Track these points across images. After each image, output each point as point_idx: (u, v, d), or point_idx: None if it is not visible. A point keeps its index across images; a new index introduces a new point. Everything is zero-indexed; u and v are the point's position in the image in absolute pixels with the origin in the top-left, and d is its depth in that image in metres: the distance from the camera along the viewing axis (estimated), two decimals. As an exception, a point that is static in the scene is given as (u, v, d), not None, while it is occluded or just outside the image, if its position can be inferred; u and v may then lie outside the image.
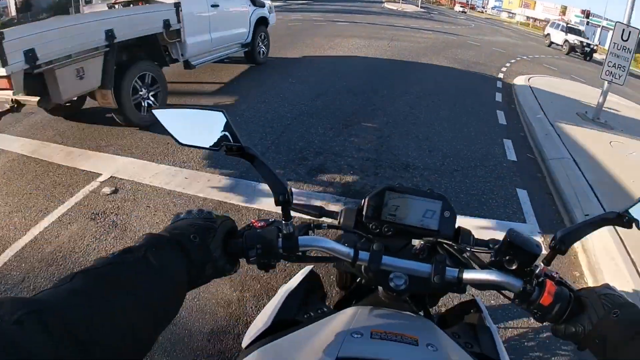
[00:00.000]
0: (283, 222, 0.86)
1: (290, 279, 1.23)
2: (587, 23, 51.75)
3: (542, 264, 0.83)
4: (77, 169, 4.08)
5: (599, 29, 55.43)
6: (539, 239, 3.75)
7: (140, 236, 0.69)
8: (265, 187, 3.90)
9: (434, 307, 1.34)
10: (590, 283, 3.34)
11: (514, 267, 0.83)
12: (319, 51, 11.28)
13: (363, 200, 1.02)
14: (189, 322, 2.51)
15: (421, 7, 48.34)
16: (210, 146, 0.86)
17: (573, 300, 0.80)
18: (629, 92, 13.60)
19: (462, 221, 1.02)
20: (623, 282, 3.24)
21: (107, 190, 3.69)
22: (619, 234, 3.78)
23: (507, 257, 0.83)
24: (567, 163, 5.28)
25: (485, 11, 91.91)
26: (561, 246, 0.82)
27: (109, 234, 3.16)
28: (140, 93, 5.01)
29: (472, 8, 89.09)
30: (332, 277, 2.55)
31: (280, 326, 0.93)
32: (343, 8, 32.78)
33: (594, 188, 4.71)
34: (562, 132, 6.51)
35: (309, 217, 1.05)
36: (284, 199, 0.84)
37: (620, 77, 7.59)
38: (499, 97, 8.83)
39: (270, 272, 2.87)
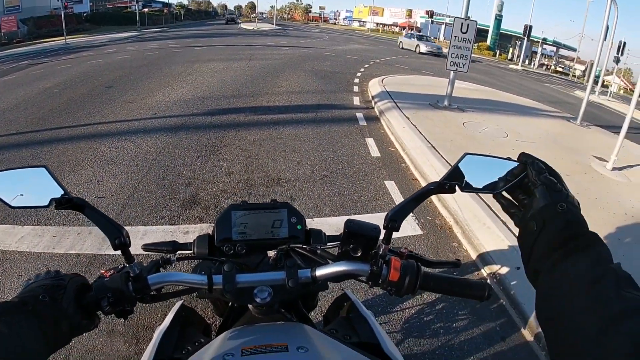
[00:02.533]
0: (126, 265, 0.85)
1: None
2: (432, 22, 56.76)
3: (383, 244, 0.89)
4: None
5: (443, 26, 61.44)
6: (414, 222, 4.06)
7: None
8: (142, 228, 3.74)
9: (313, 311, 1.38)
10: (469, 250, 3.72)
11: (359, 254, 0.89)
12: (178, 79, 11.08)
13: (212, 224, 1.03)
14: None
15: (277, 25, 49.81)
16: (40, 205, 0.84)
17: (421, 269, 0.87)
18: (474, 76, 15.28)
19: (339, 221, 1.07)
20: (498, 241, 3.63)
21: (-28, 265, 3.25)
22: (485, 202, 4.23)
23: (351, 246, 0.89)
24: (426, 150, 5.81)
25: (338, 22, 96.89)
26: (393, 224, 0.88)
27: (-14, 314, 2.77)
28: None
29: (325, 20, 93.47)
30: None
31: None
32: (199, 33, 32.58)
33: (453, 165, 5.20)
34: (418, 123, 7.14)
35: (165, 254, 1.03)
36: (120, 242, 0.83)
37: (464, 65, 8.55)
38: (356, 100, 9.45)
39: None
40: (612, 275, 0.58)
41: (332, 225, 3.88)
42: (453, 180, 0.90)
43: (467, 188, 0.91)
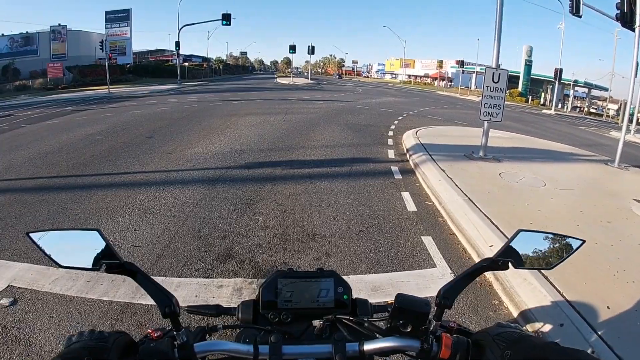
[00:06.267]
0: (174, 332, 0.85)
1: None
2: (463, 71, 57.28)
3: (434, 320, 0.88)
4: (-30, 281, 3.61)
5: (474, 75, 61.84)
6: (451, 277, 3.90)
7: None
8: (175, 279, 3.71)
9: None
10: (510, 307, 3.50)
11: (409, 330, 0.88)
12: (216, 132, 11.43)
13: (258, 291, 1.02)
14: None
15: (311, 79, 51.41)
16: (90, 266, 0.85)
17: (471, 346, 0.85)
18: (507, 124, 15.14)
19: (375, 279, 1.00)
20: (540, 297, 3.42)
21: (5, 301, 3.28)
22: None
23: (401, 321, 0.88)
24: (463, 203, 5.64)
25: (370, 75, 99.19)
26: (446, 302, 0.88)
27: (14, 351, 2.76)
28: None
29: (359, 74, 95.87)
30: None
31: None
32: (237, 86, 33.91)
33: (493, 219, 5.06)
34: (454, 175, 7.03)
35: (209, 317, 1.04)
36: (170, 311, 0.84)
37: (497, 115, 8.51)
38: (391, 153, 9.47)
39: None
40: None
41: (368, 282, 3.76)
42: (506, 257, 0.92)
43: (520, 265, 0.93)
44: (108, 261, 0.85)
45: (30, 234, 0.86)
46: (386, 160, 8.87)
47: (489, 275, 3.97)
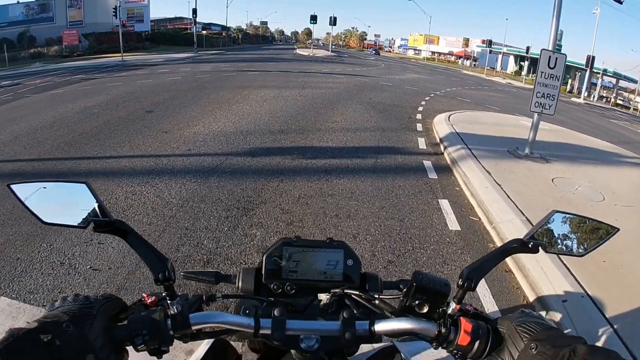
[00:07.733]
0: (168, 301, 0.76)
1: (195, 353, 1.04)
2: (490, 51, 55.71)
3: (454, 303, 0.80)
4: None
5: (500, 56, 60.41)
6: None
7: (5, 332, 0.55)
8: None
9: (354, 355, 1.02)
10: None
11: (425, 310, 0.82)
12: (223, 107, 10.42)
13: (261, 259, 0.92)
14: None
15: (332, 52, 50.24)
16: (77, 223, 0.78)
17: (491, 333, 0.75)
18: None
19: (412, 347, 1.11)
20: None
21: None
22: (565, 265, 3.51)
23: (417, 301, 0.81)
24: (519, 225, 4.41)
25: (393, 51, 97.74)
26: (469, 283, 0.80)
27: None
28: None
29: (380, 48, 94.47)
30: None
31: None
32: (255, 57, 33.22)
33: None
34: (502, 181, 5.76)
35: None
36: (164, 277, 0.76)
37: (550, 107, 7.40)
38: (422, 143, 8.16)
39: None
40: None
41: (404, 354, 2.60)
42: (537, 240, 0.87)
43: (551, 249, 0.90)
44: (97, 219, 0.77)
45: (12, 186, 0.76)
46: (417, 151, 7.57)
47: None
